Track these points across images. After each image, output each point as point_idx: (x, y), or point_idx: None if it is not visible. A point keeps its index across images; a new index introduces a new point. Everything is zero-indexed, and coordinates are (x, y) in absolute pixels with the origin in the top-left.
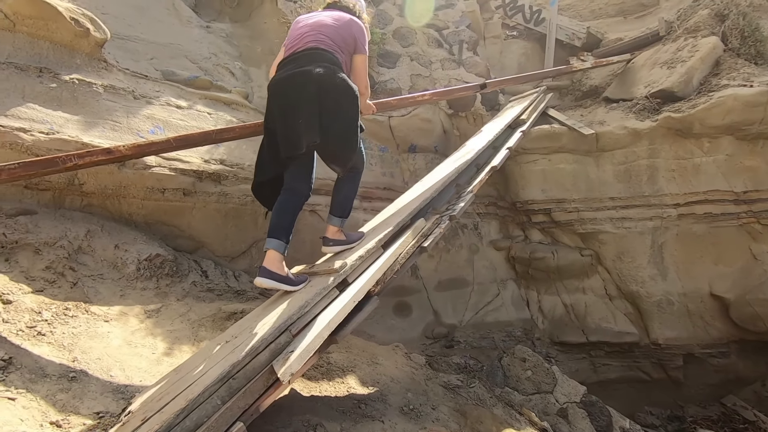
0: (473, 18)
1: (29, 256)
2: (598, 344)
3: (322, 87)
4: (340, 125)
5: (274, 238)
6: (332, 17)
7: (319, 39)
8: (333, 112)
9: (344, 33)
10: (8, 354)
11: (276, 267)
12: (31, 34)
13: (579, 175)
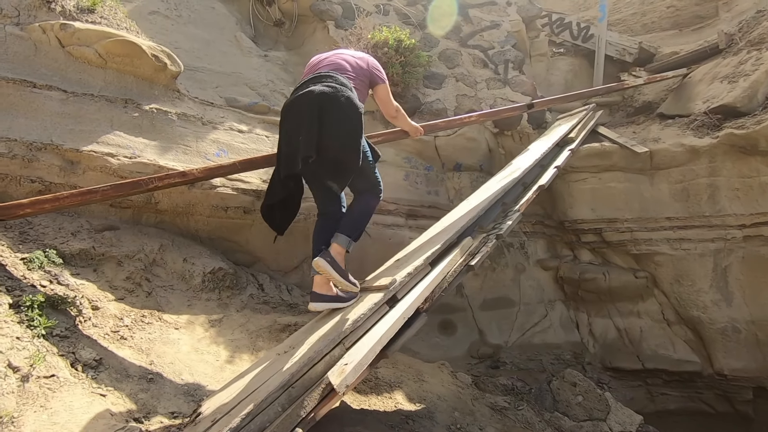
0: (519, 37)
1: (113, 267)
2: (655, 372)
3: (323, 105)
4: (339, 141)
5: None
6: (349, 52)
7: (334, 64)
8: (332, 129)
9: (362, 64)
10: (99, 355)
11: (324, 289)
12: (119, 70)
13: (632, 193)
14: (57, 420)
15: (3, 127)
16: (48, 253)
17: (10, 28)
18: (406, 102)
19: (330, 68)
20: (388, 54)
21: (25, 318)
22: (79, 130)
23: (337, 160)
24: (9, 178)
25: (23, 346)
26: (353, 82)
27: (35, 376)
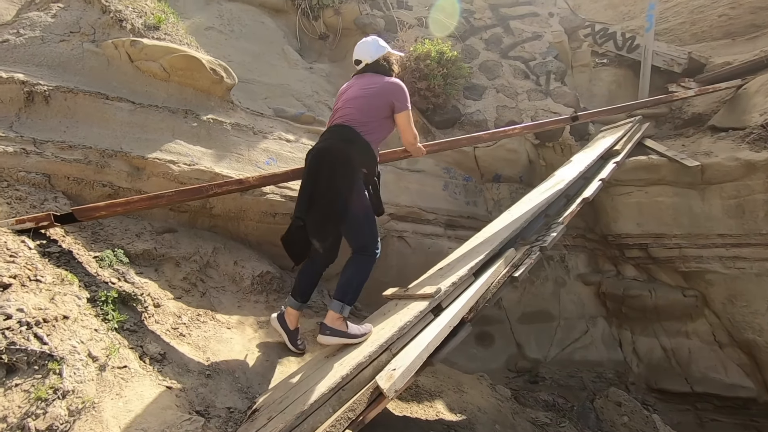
0: (561, 48)
1: (172, 268)
2: (705, 396)
3: (320, 164)
4: (325, 200)
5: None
6: (364, 87)
7: (346, 114)
8: (322, 188)
9: (377, 102)
10: (163, 349)
11: (337, 324)
12: (180, 83)
13: (681, 209)
14: (131, 408)
15: (80, 136)
16: (116, 253)
17: (87, 45)
18: (446, 113)
19: (344, 118)
20: (430, 66)
21: (101, 312)
22: (144, 139)
23: (319, 219)
24: (84, 183)
25: (100, 338)
26: (364, 127)
27: (110, 366)
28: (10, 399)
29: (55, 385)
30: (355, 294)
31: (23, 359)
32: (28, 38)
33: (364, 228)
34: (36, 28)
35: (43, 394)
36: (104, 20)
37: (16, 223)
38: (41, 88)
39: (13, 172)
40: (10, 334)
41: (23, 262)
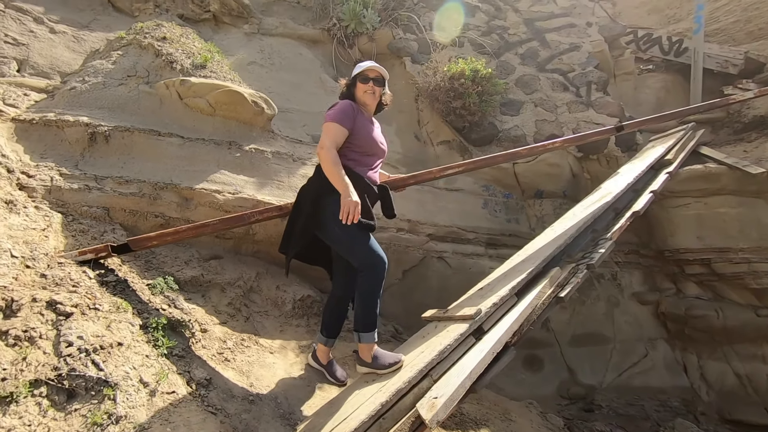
0: (601, 57)
1: (218, 293)
2: None
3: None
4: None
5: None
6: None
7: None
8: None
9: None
10: (209, 375)
11: (366, 356)
12: (225, 116)
13: (747, 220)
14: None
15: (135, 171)
16: (167, 280)
17: (142, 87)
18: (483, 130)
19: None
20: (465, 84)
21: (152, 338)
22: (192, 171)
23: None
24: (138, 214)
25: (151, 364)
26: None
27: (160, 392)
28: (70, 423)
29: (110, 410)
30: (369, 318)
31: (82, 385)
32: (91, 84)
33: (349, 246)
34: (99, 75)
35: (98, 420)
36: (157, 63)
37: (79, 255)
38: (102, 129)
39: (77, 206)
40: (71, 360)
41: (84, 292)
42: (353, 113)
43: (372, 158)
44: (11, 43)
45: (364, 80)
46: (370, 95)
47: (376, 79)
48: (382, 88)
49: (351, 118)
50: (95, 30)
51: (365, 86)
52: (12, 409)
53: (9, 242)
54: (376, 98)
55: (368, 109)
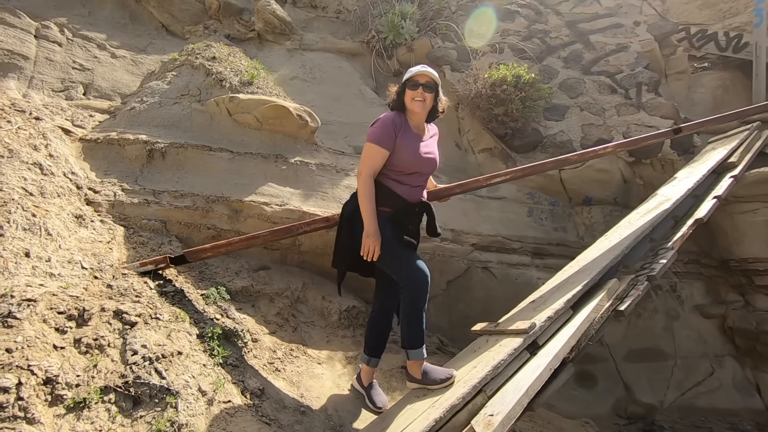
0: (651, 57)
1: (266, 303)
2: None
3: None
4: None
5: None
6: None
7: None
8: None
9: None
10: (261, 385)
11: (416, 372)
12: (271, 130)
13: None
14: None
15: (189, 185)
16: (219, 290)
17: (195, 105)
18: (526, 136)
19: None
20: (507, 90)
21: (208, 347)
22: (241, 184)
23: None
24: (192, 226)
25: (208, 373)
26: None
27: (217, 401)
28: (136, 430)
29: (172, 418)
30: (415, 335)
31: (146, 392)
32: (149, 104)
33: (390, 262)
34: (155, 95)
35: (162, 427)
36: (208, 82)
37: (140, 266)
38: (159, 146)
39: (138, 220)
40: (136, 368)
41: (146, 302)
42: (394, 131)
43: (415, 176)
44: (78, 69)
45: (413, 86)
46: (420, 103)
47: (426, 84)
48: (433, 95)
49: (392, 137)
50: (151, 53)
51: (414, 93)
52: (85, 414)
53: (80, 254)
54: (426, 106)
55: (418, 118)
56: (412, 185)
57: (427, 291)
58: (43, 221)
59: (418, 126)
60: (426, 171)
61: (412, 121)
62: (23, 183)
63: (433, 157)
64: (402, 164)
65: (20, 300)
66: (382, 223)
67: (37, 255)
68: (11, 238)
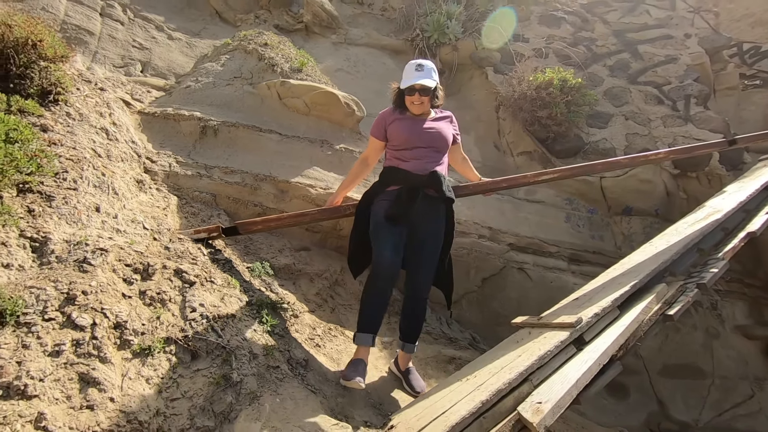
0: (701, 70)
1: (306, 283)
2: None
3: None
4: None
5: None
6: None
7: None
8: None
9: None
10: (305, 357)
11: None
12: (318, 116)
13: None
14: (286, 406)
15: (239, 162)
16: (264, 265)
17: (246, 87)
18: (568, 141)
19: None
20: (552, 94)
21: (257, 315)
22: (288, 165)
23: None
24: (240, 202)
25: (258, 338)
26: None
27: (266, 365)
28: (194, 381)
29: (227, 374)
30: (359, 314)
31: (203, 348)
32: (203, 84)
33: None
34: (210, 75)
35: (218, 381)
36: (260, 66)
37: (194, 233)
38: (212, 123)
39: (190, 191)
40: (195, 324)
41: (201, 265)
42: (384, 124)
43: (414, 151)
44: (137, 47)
45: (411, 92)
46: (418, 105)
47: (421, 90)
48: (429, 96)
49: (381, 129)
50: (204, 38)
51: (412, 98)
52: (149, 361)
53: (141, 216)
54: (425, 106)
55: (418, 111)
56: (416, 158)
57: (379, 278)
58: (110, 181)
59: (422, 113)
60: (429, 144)
61: (406, 114)
62: (93, 145)
63: (435, 131)
64: (399, 141)
65: (94, 248)
66: (380, 204)
67: (106, 211)
68: (84, 192)
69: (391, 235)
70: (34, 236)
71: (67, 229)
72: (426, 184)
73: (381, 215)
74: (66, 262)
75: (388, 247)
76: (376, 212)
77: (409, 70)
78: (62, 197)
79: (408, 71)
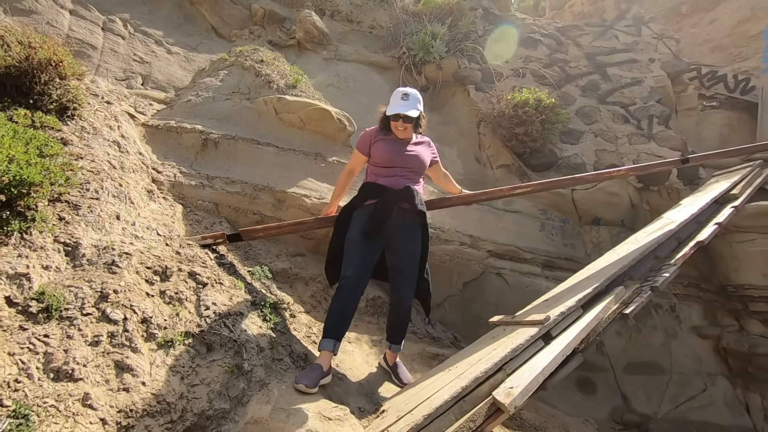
0: (664, 92)
1: (302, 286)
2: None
3: None
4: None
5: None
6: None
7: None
8: None
9: None
10: (305, 351)
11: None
12: (313, 131)
13: None
14: (291, 392)
15: (239, 173)
16: (263, 269)
17: (244, 102)
18: (543, 156)
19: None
20: (528, 112)
21: (261, 314)
22: (285, 177)
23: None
24: (240, 211)
25: (263, 334)
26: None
27: (272, 357)
28: (211, 370)
29: (239, 364)
30: (325, 321)
31: (217, 341)
32: (204, 98)
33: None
34: (209, 90)
35: (232, 370)
36: (257, 82)
37: (201, 239)
38: (213, 136)
39: (194, 200)
40: (209, 321)
41: (210, 269)
42: (369, 141)
43: (392, 169)
44: (138, 61)
45: (395, 119)
46: (401, 131)
47: (405, 117)
48: (412, 123)
49: (366, 145)
50: (201, 52)
51: (396, 123)
52: (171, 352)
53: (154, 223)
54: (408, 131)
55: (401, 135)
56: (392, 176)
57: (344, 292)
58: (127, 191)
59: (404, 137)
60: (407, 165)
61: (389, 136)
62: (108, 157)
63: (414, 155)
64: (381, 159)
65: (120, 252)
66: (357, 218)
67: (125, 219)
68: (105, 202)
69: (362, 252)
70: (67, 241)
71: (93, 235)
72: (400, 197)
73: (357, 231)
74: (96, 264)
75: (354, 265)
76: (353, 227)
77: (396, 97)
78: (87, 206)
79: (395, 98)
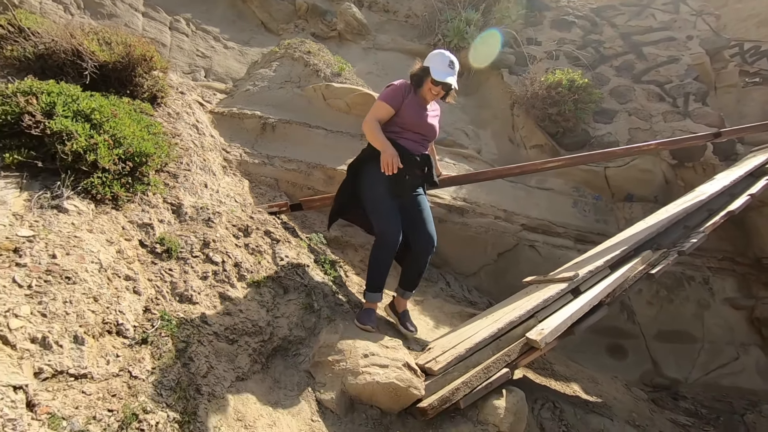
0: (701, 70)
1: (352, 252)
2: None
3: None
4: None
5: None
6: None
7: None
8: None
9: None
10: (359, 302)
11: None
12: (357, 114)
13: None
14: (353, 327)
15: (294, 153)
16: (319, 236)
17: (296, 90)
18: (576, 135)
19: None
20: (561, 93)
21: (322, 268)
22: (334, 156)
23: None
24: (296, 186)
25: (326, 282)
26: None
27: (334, 302)
28: (288, 307)
29: (311, 303)
30: (370, 279)
31: (291, 285)
32: (260, 87)
33: (371, 212)
34: (264, 80)
35: (305, 307)
36: (306, 71)
37: (268, 208)
38: (270, 121)
39: (257, 176)
40: (284, 269)
41: (280, 230)
42: (403, 96)
43: (415, 135)
44: (200, 56)
45: (436, 83)
46: (435, 96)
47: (446, 86)
48: (446, 92)
49: (399, 99)
50: (253, 46)
51: (435, 88)
52: (258, 290)
53: (231, 192)
54: (438, 97)
55: (427, 99)
56: (415, 141)
57: (389, 248)
58: (209, 165)
59: (422, 100)
60: (426, 133)
61: (417, 95)
62: (191, 137)
63: (433, 125)
64: (407, 122)
65: (213, 212)
66: (379, 178)
67: (211, 187)
68: (195, 173)
69: (393, 208)
70: (173, 202)
71: (190, 198)
72: (422, 165)
73: (383, 191)
74: (196, 220)
75: (392, 221)
76: (377, 182)
77: (442, 62)
78: (183, 176)
79: (441, 63)
